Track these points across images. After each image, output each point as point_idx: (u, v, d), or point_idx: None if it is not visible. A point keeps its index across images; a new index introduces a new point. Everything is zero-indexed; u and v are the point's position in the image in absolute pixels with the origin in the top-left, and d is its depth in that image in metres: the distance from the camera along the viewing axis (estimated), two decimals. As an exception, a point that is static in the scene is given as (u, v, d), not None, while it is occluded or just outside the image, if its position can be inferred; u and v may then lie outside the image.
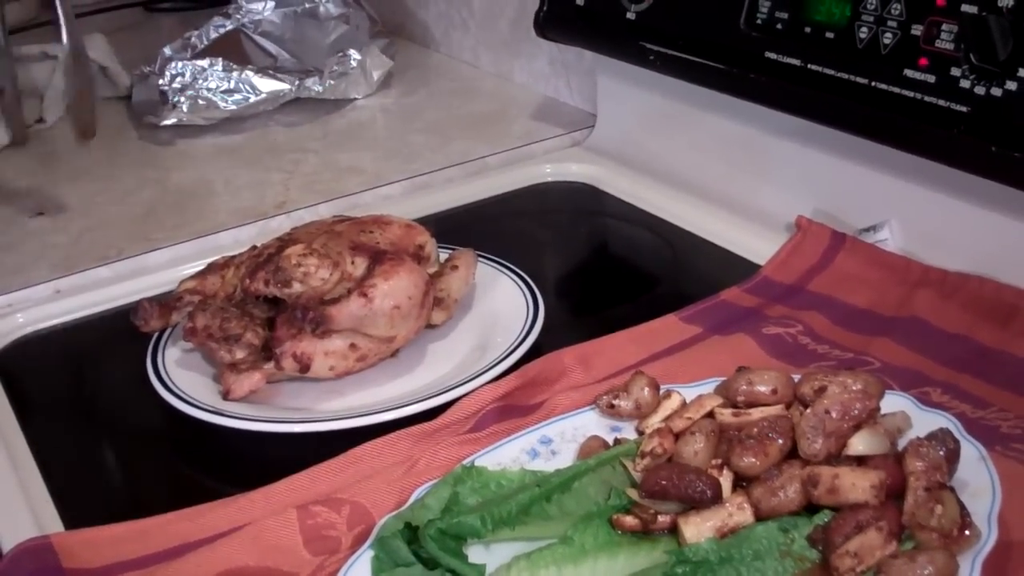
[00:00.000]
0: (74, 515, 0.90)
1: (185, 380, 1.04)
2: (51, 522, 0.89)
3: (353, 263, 1.03)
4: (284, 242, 1.08)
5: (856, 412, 0.76)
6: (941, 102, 1.01)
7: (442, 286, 1.09)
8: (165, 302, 1.09)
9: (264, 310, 1.05)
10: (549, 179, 1.52)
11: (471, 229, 1.27)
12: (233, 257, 1.12)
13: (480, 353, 1.07)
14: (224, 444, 0.99)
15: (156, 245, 1.34)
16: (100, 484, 0.97)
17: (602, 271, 1.34)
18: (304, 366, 0.99)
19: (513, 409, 0.96)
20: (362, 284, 1.00)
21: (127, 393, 1.09)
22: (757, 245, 1.23)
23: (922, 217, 1.14)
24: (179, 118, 1.67)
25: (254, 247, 1.11)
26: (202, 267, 1.13)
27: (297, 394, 1.04)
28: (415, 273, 1.03)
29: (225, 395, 0.98)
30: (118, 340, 1.18)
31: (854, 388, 0.78)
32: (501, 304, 1.14)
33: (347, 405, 1.01)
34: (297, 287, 1.01)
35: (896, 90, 1.05)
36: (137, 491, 0.97)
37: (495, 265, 1.19)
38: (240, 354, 1.01)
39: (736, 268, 1.21)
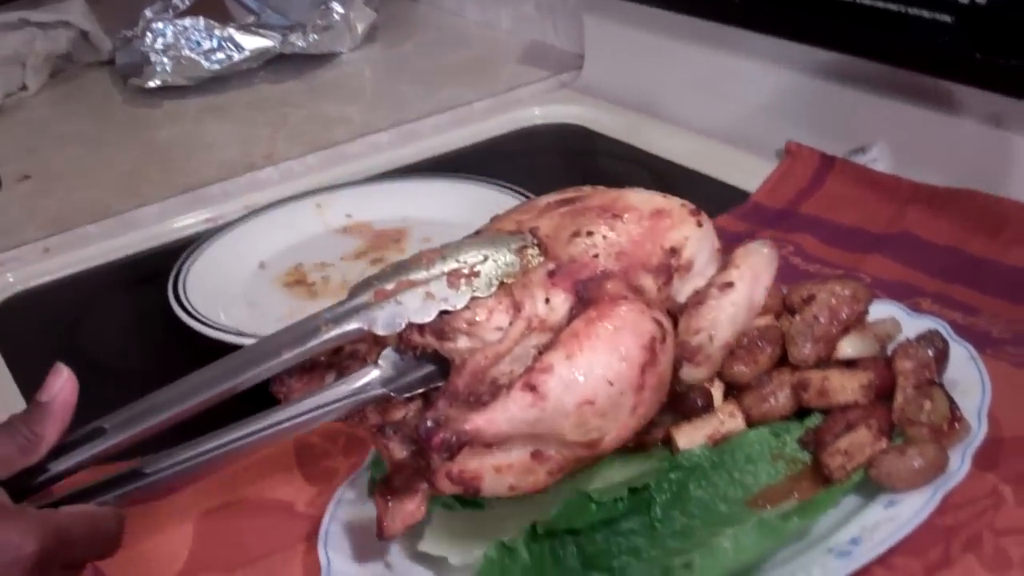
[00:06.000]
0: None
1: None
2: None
3: (548, 302, 0.67)
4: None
5: (844, 316, 0.76)
6: (925, 13, 1.01)
7: (701, 323, 0.70)
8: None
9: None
10: (538, 122, 1.51)
11: (463, 172, 1.27)
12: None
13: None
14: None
15: (144, 201, 1.34)
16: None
17: (593, 207, 1.34)
18: (471, 490, 0.65)
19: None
20: (531, 369, 0.64)
21: (119, 346, 1.09)
22: (748, 173, 1.22)
23: (911, 136, 1.14)
24: (163, 79, 1.66)
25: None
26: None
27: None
28: (626, 335, 0.65)
29: (379, 534, 0.68)
30: (109, 295, 1.18)
31: (843, 294, 0.77)
32: None
33: None
34: (463, 342, 0.66)
35: (880, 4, 1.04)
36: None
37: (504, 189, 1.21)
38: (399, 452, 0.67)
39: (728, 197, 1.20)
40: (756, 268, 0.72)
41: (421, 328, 0.65)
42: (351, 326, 0.65)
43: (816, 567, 0.65)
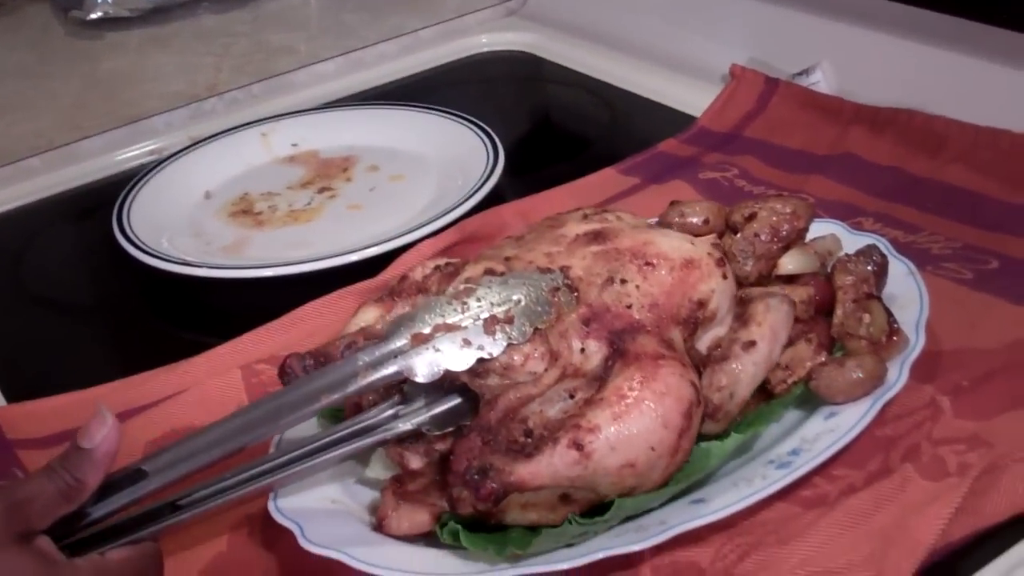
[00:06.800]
0: (17, 391, 0.90)
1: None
2: (-6, 400, 0.90)
3: (583, 351, 0.69)
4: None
5: (785, 233, 0.77)
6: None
7: (724, 381, 0.70)
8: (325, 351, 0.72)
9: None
10: (485, 49, 1.51)
11: (410, 101, 1.27)
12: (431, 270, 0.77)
13: (440, 199, 1.09)
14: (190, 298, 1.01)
15: (86, 133, 1.32)
16: (41, 360, 0.97)
17: (541, 133, 1.34)
18: (494, 520, 0.67)
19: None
20: (578, 425, 0.64)
21: (65, 279, 1.09)
22: (694, 98, 1.22)
23: (853, 57, 1.15)
24: (104, 11, 1.63)
25: (448, 264, 0.77)
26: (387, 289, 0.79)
27: (266, 246, 1.06)
28: (670, 402, 0.66)
29: (378, 524, 0.69)
30: (53, 228, 1.17)
31: (783, 211, 0.78)
32: (461, 152, 1.16)
33: (314, 253, 1.01)
34: (494, 380, 0.68)
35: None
36: (79, 364, 0.96)
37: (452, 117, 1.22)
38: (415, 462, 0.68)
39: (674, 122, 1.21)
40: (776, 327, 0.72)
41: None
42: (389, 371, 0.67)
43: (757, 477, 0.66)
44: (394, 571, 0.63)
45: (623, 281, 0.70)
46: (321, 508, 0.69)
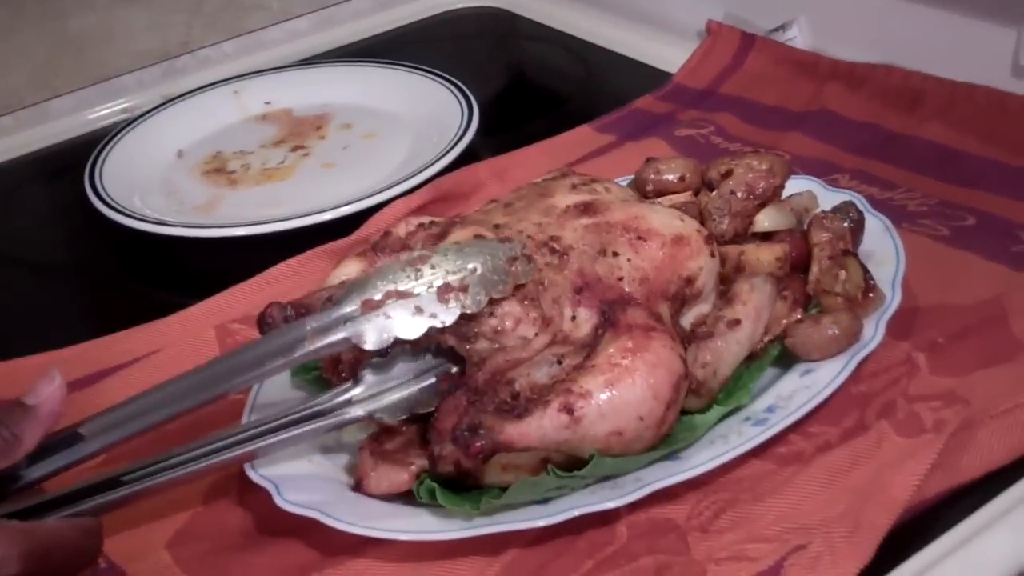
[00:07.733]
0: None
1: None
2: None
3: (574, 319, 0.68)
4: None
5: (761, 190, 0.77)
6: None
7: (708, 357, 0.70)
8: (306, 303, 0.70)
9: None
10: (460, 6, 1.50)
11: (384, 58, 1.26)
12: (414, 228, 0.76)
13: (414, 157, 1.08)
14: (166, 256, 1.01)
15: (57, 91, 1.30)
16: (13, 321, 0.96)
17: (515, 90, 1.33)
18: (473, 480, 0.67)
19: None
20: (569, 390, 0.65)
21: (37, 239, 1.08)
22: (670, 54, 1.22)
23: (829, 13, 1.14)
24: (74, -33, 1.61)
25: (432, 223, 0.76)
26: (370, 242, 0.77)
27: (239, 205, 1.06)
28: (661, 373, 0.66)
29: (357, 484, 0.68)
30: (25, 188, 1.16)
31: (759, 168, 0.78)
32: (435, 110, 1.15)
33: (288, 211, 1.01)
34: (483, 345, 0.66)
35: None
36: (52, 325, 0.96)
37: (426, 74, 1.21)
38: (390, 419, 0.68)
39: (650, 78, 1.20)
40: (759, 306, 0.72)
41: (442, 328, 0.65)
42: (337, 337, 0.65)
43: (733, 434, 0.67)
44: (371, 529, 0.63)
45: (615, 254, 0.70)
46: (298, 468, 0.69)
